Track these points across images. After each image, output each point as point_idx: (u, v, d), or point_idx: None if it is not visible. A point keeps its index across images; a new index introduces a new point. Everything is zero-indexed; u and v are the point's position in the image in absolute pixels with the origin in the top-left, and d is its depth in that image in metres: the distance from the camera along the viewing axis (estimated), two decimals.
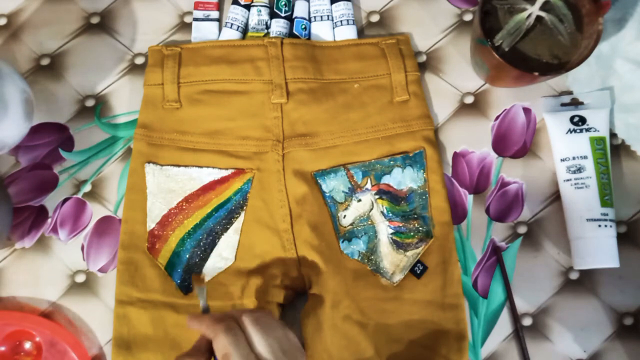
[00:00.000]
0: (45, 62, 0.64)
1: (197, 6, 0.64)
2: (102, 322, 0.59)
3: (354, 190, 0.59)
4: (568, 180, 0.59)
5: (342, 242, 0.58)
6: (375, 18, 0.65)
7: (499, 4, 0.57)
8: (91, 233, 0.61)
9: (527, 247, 0.61)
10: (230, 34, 0.62)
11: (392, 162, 0.59)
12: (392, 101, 0.60)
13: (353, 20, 0.63)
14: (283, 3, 0.63)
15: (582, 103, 0.62)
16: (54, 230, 0.61)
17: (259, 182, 0.59)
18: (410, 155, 0.59)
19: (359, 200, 0.59)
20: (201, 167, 0.59)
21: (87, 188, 0.61)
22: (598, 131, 0.59)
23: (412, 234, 0.58)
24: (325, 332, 0.56)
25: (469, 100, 0.63)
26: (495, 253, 0.60)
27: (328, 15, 0.63)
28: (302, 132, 0.59)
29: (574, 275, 0.60)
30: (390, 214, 0.59)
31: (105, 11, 0.65)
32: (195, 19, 0.63)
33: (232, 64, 0.60)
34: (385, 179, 0.59)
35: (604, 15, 0.55)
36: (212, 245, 0.58)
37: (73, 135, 0.62)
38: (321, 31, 0.63)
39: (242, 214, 0.59)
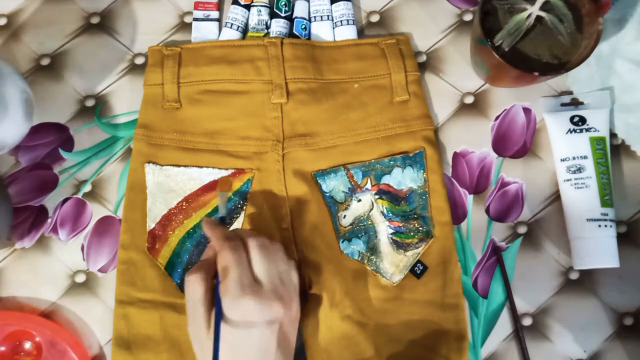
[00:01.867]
0: (45, 62, 0.64)
1: (197, 6, 0.64)
2: (102, 322, 0.59)
3: (354, 190, 0.59)
4: (568, 180, 0.59)
5: (342, 242, 0.58)
6: (375, 18, 0.65)
7: (499, 4, 0.57)
8: (91, 233, 0.61)
9: (527, 247, 0.61)
10: (230, 34, 0.62)
11: (392, 162, 0.59)
12: (392, 101, 0.60)
13: (353, 20, 0.63)
14: (283, 3, 0.63)
15: (582, 103, 0.62)
16: (54, 230, 0.61)
17: (259, 182, 0.59)
18: (410, 155, 0.59)
19: (359, 200, 0.59)
20: (201, 167, 0.59)
21: (87, 188, 0.61)
22: (598, 131, 0.59)
23: (412, 234, 0.58)
24: (325, 332, 0.56)
25: (469, 100, 0.63)
26: (495, 253, 0.60)
27: (328, 15, 0.63)
28: (302, 132, 0.59)
29: (574, 275, 0.60)
30: (390, 214, 0.59)
31: (105, 11, 0.65)
32: (195, 19, 0.63)
33: (232, 64, 0.60)
34: (385, 179, 0.59)
35: (604, 15, 0.55)
36: None
37: (73, 135, 0.62)
38: (321, 31, 0.63)
39: (242, 214, 0.59)
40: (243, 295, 0.46)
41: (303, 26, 0.63)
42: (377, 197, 0.59)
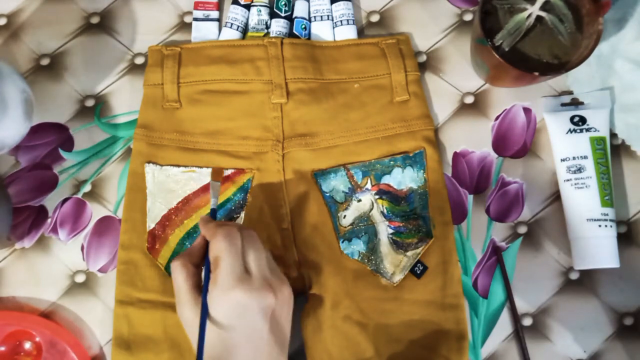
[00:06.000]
0: (45, 62, 0.64)
1: (197, 6, 0.64)
2: (102, 322, 0.59)
3: (354, 190, 0.59)
4: (568, 180, 0.59)
5: (342, 242, 0.58)
6: (375, 18, 0.65)
7: (499, 4, 0.57)
8: (91, 233, 0.61)
9: (527, 247, 0.61)
10: (230, 34, 0.62)
11: (392, 162, 0.59)
12: (392, 101, 0.60)
13: (353, 20, 0.63)
14: (283, 3, 0.63)
15: (582, 103, 0.62)
16: (54, 230, 0.61)
17: (259, 182, 0.59)
18: (410, 155, 0.59)
19: (359, 200, 0.59)
20: (201, 167, 0.59)
21: (87, 188, 0.61)
22: (598, 131, 0.59)
23: (412, 234, 0.58)
24: (325, 332, 0.56)
25: (469, 100, 0.63)
26: (495, 253, 0.60)
27: (328, 15, 0.63)
28: (302, 132, 0.59)
29: (574, 275, 0.60)
30: (390, 214, 0.59)
31: (105, 11, 0.65)
32: (195, 19, 0.63)
33: (232, 64, 0.60)
34: (385, 179, 0.59)
35: (604, 15, 0.55)
36: None
37: (73, 135, 0.62)
38: (321, 31, 0.63)
39: (242, 214, 0.59)
40: (234, 288, 0.45)
41: (303, 26, 0.63)
42: (377, 197, 0.59)
